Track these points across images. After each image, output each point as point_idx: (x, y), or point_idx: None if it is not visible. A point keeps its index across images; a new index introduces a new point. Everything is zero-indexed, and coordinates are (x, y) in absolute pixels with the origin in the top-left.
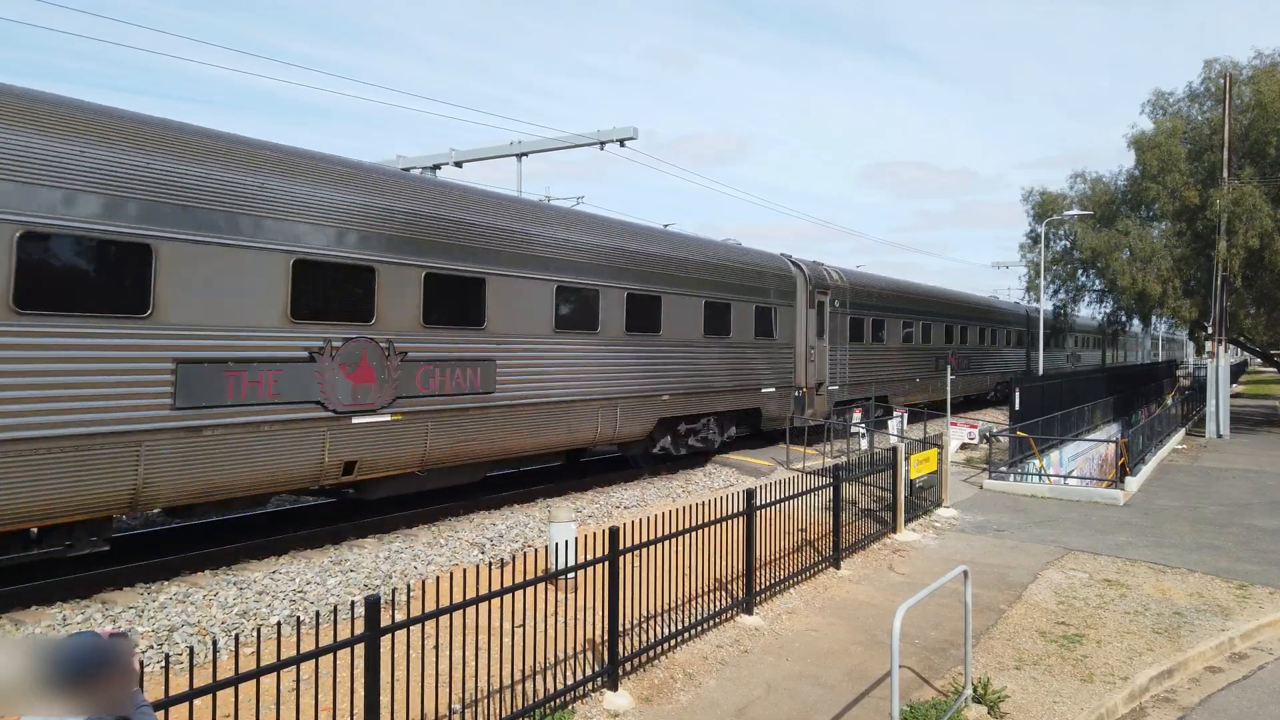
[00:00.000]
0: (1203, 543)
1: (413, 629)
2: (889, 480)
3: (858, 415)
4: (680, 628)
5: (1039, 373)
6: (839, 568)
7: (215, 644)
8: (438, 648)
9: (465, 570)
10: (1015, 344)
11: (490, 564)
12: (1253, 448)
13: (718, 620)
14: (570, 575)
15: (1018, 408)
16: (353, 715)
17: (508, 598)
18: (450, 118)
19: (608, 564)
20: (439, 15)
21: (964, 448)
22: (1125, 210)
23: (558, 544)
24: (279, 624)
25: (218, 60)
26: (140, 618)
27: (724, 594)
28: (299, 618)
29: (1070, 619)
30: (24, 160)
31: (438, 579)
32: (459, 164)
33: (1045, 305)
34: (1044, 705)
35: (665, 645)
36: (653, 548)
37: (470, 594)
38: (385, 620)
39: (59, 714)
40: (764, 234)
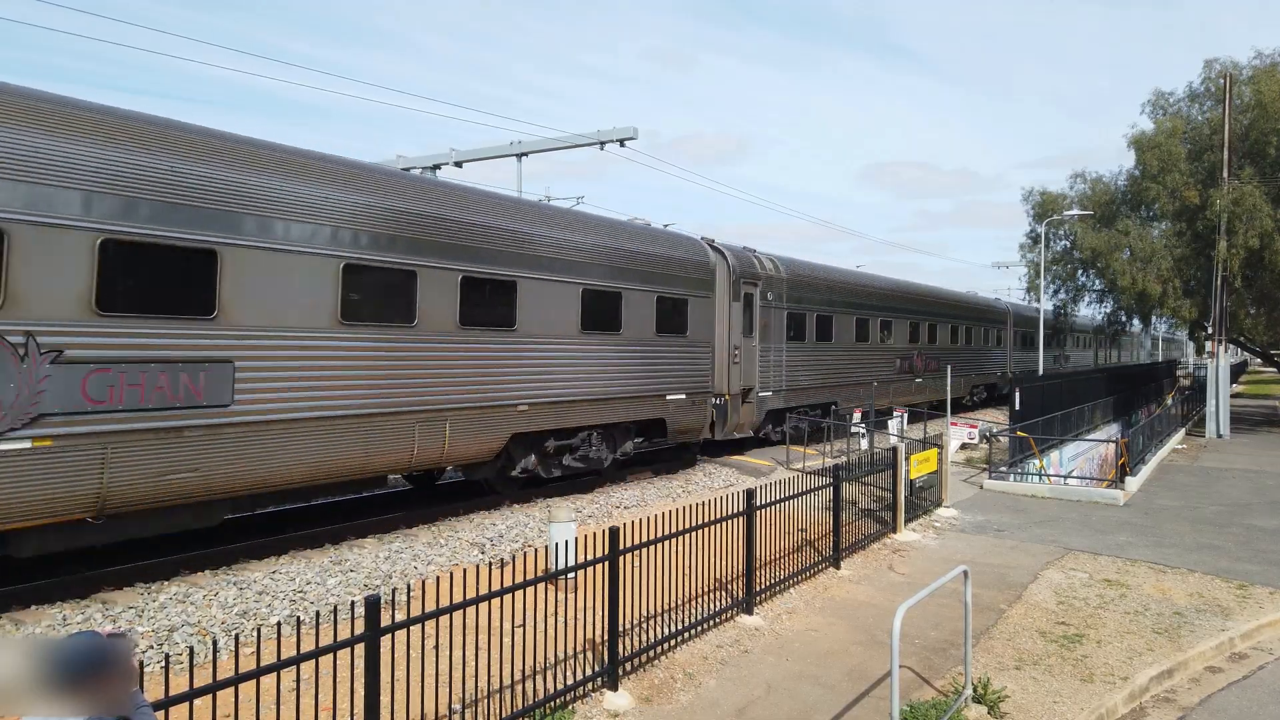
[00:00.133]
0: (1203, 543)
1: (413, 629)
2: (889, 480)
3: (858, 415)
4: (680, 628)
5: (1013, 373)
6: (839, 568)
7: (215, 644)
8: (438, 648)
9: (465, 570)
10: (996, 343)
11: (490, 564)
12: (1253, 448)
13: (718, 620)
14: (570, 575)
15: (1018, 408)
16: (353, 715)
17: (508, 598)
18: (450, 118)
19: (608, 564)
20: (439, 15)
21: (964, 448)
22: (1125, 210)
23: (558, 544)
24: (279, 624)
25: (218, 60)
26: (140, 618)
27: (724, 594)
28: (299, 618)
29: (1070, 619)
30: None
31: (438, 579)
32: (459, 164)
33: (1045, 305)
34: (1044, 705)
35: (665, 645)
36: (653, 548)
37: (470, 594)
38: (385, 620)
39: (59, 714)
40: (764, 234)
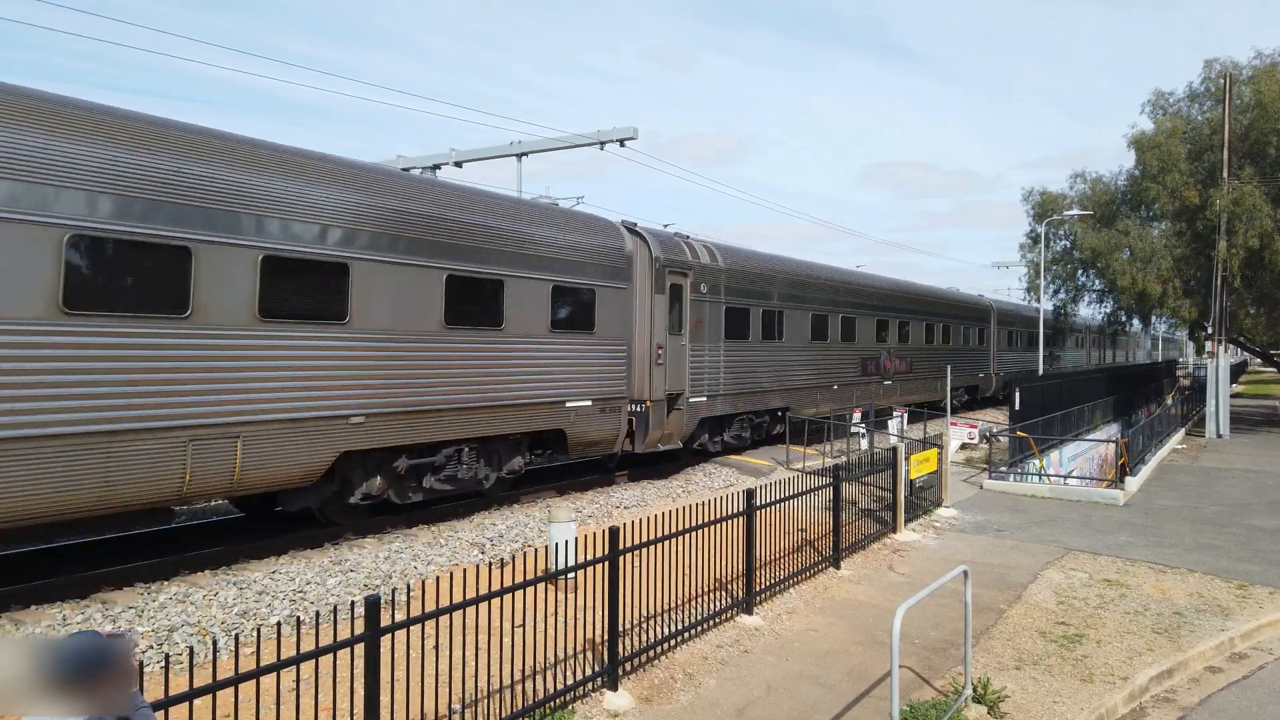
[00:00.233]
0: (1203, 543)
1: (413, 629)
2: (889, 480)
3: (858, 415)
4: (680, 628)
5: (998, 375)
6: (839, 568)
7: (215, 644)
8: (438, 648)
9: (465, 570)
10: (978, 342)
11: (490, 564)
12: (1253, 448)
13: (718, 620)
14: (570, 575)
15: (1018, 408)
16: (353, 715)
17: (508, 598)
18: (450, 118)
19: (608, 564)
20: (439, 15)
21: (964, 448)
22: (1125, 210)
23: (558, 544)
24: (279, 624)
25: (218, 60)
26: (140, 618)
27: (724, 594)
28: (299, 618)
29: (1070, 619)
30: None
31: (438, 579)
32: (459, 164)
33: (1045, 305)
34: (1044, 705)
35: (665, 645)
36: (653, 548)
37: (470, 594)
38: (385, 620)
39: (59, 714)
40: (764, 234)
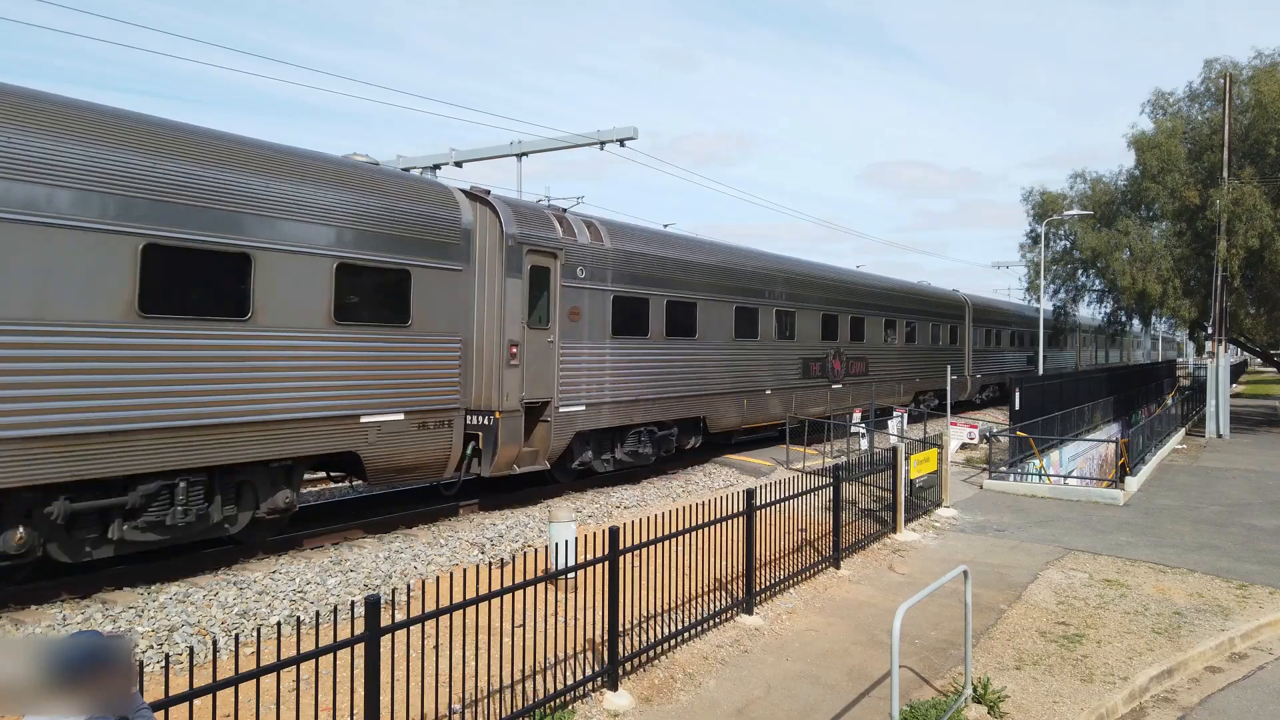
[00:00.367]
0: (1203, 542)
1: (413, 629)
2: (889, 480)
3: (858, 415)
4: (680, 628)
5: (975, 377)
6: (839, 568)
7: (215, 644)
8: (438, 648)
9: (465, 570)
10: (950, 341)
11: (490, 564)
12: (1253, 448)
13: (718, 620)
14: (570, 575)
15: (1017, 408)
16: (353, 715)
17: (508, 598)
18: (450, 118)
19: (608, 564)
20: (439, 15)
21: (964, 448)
22: (1125, 210)
23: (558, 544)
24: (279, 624)
25: (216, 60)
26: (140, 618)
27: (724, 594)
28: (299, 618)
29: (1070, 619)
30: None
31: (438, 579)
32: (459, 164)
33: (1045, 305)
34: (1044, 705)
35: (665, 645)
36: (653, 548)
37: (470, 594)
38: (385, 620)
39: (59, 714)
40: (764, 234)
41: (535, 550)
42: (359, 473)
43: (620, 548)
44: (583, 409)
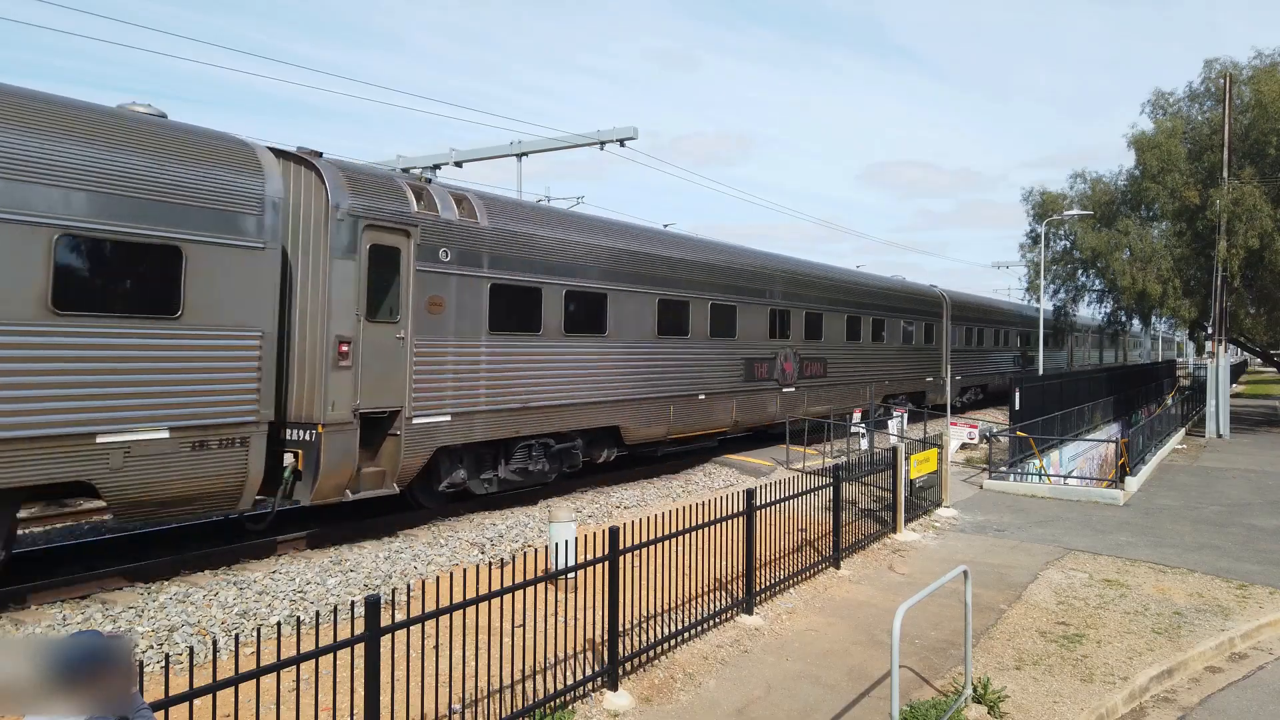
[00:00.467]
0: (1203, 542)
1: (413, 629)
2: (889, 480)
3: (858, 415)
4: (680, 628)
5: (953, 379)
6: (839, 568)
7: (215, 644)
8: (438, 648)
9: (465, 570)
10: (925, 340)
11: (490, 564)
12: (1253, 448)
13: (718, 620)
14: (570, 575)
15: (1017, 408)
16: (353, 715)
17: (508, 598)
18: (450, 118)
19: (608, 564)
20: (439, 15)
21: (964, 448)
22: (1125, 210)
23: (558, 544)
24: (279, 624)
25: (216, 60)
26: (140, 618)
27: (724, 594)
28: (299, 618)
29: (1070, 619)
30: None
31: (438, 579)
32: (459, 164)
33: (1045, 305)
34: (1044, 705)
35: (665, 645)
36: (653, 548)
37: (470, 594)
38: (385, 620)
39: (59, 714)
40: (764, 233)
41: (535, 550)
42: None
43: (620, 548)
44: (447, 419)
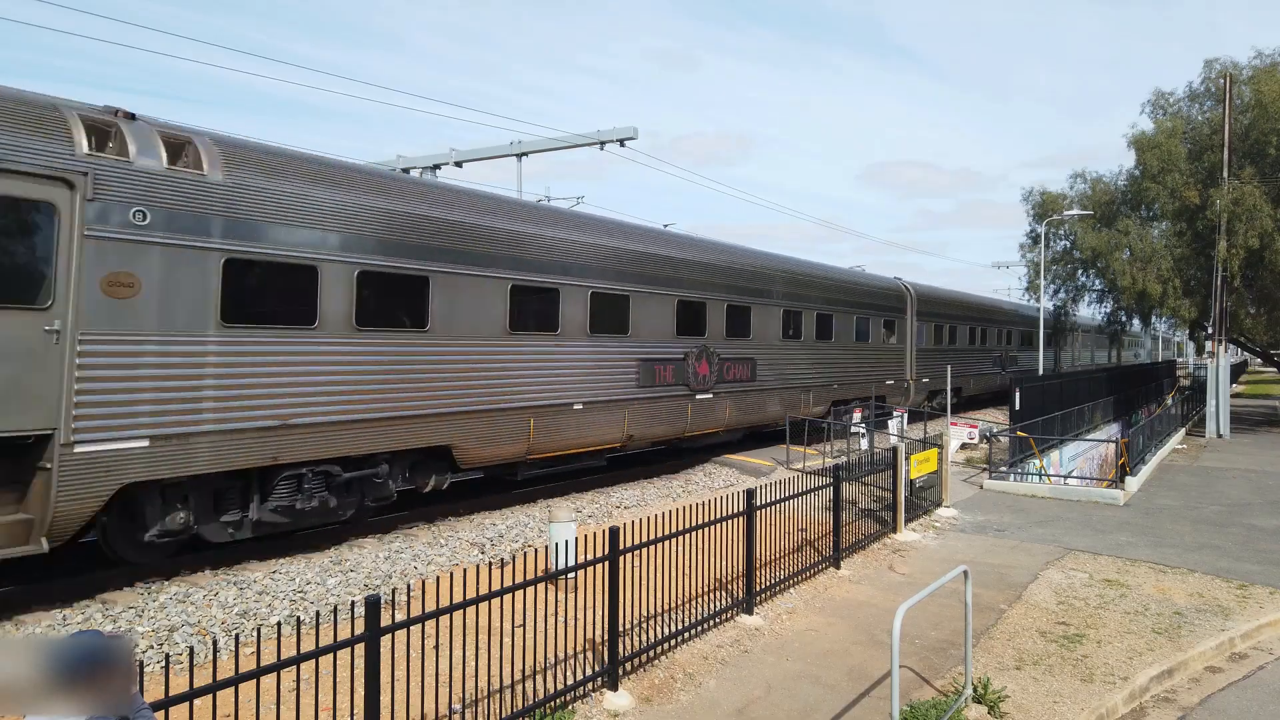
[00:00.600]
0: (1203, 542)
1: (413, 629)
2: (889, 480)
3: (858, 415)
4: (680, 628)
5: (919, 381)
6: (839, 568)
7: (215, 644)
8: (438, 648)
9: (465, 570)
10: (884, 338)
11: (490, 564)
12: (1253, 448)
13: (718, 620)
14: (570, 575)
15: (1018, 408)
16: (353, 715)
17: (508, 598)
18: (450, 118)
19: (608, 564)
20: (439, 15)
21: (964, 448)
22: (1125, 210)
23: (558, 544)
24: (279, 624)
25: (216, 60)
26: (140, 618)
27: (724, 594)
28: (299, 618)
29: (1070, 619)
30: None
31: (438, 579)
32: (459, 164)
33: (1045, 305)
34: (1044, 705)
35: (665, 645)
36: (653, 548)
37: (470, 594)
38: (385, 620)
39: (59, 714)
40: (764, 233)
41: (535, 550)
42: None
43: (620, 548)
44: (143, 445)
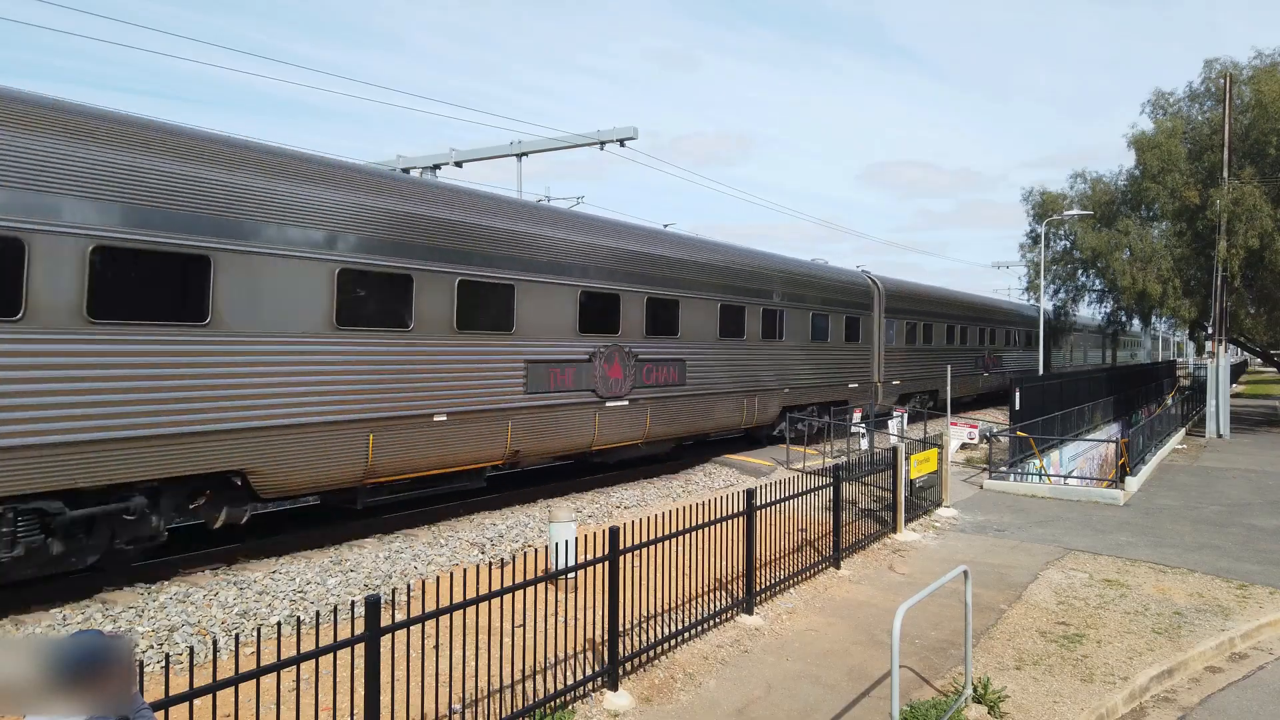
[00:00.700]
0: (1203, 542)
1: (413, 629)
2: (889, 480)
3: (858, 415)
4: (680, 628)
5: (888, 383)
6: (839, 567)
7: (215, 644)
8: (438, 648)
9: (465, 570)
10: (846, 338)
11: (490, 564)
12: (1253, 448)
13: (718, 620)
14: (570, 575)
15: (1018, 407)
16: (353, 715)
17: (508, 598)
18: (450, 118)
19: (608, 564)
20: (439, 15)
21: (964, 448)
22: (1125, 210)
23: (558, 544)
24: (279, 624)
25: (216, 60)
26: (140, 618)
27: (724, 594)
28: (299, 618)
29: (1070, 619)
30: None
31: (438, 579)
32: (459, 164)
33: (1045, 305)
34: (1044, 705)
35: (665, 645)
36: (653, 548)
37: (470, 594)
38: (385, 620)
39: (60, 713)
40: (764, 233)
41: (535, 550)
42: None
43: (620, 548)
44: None
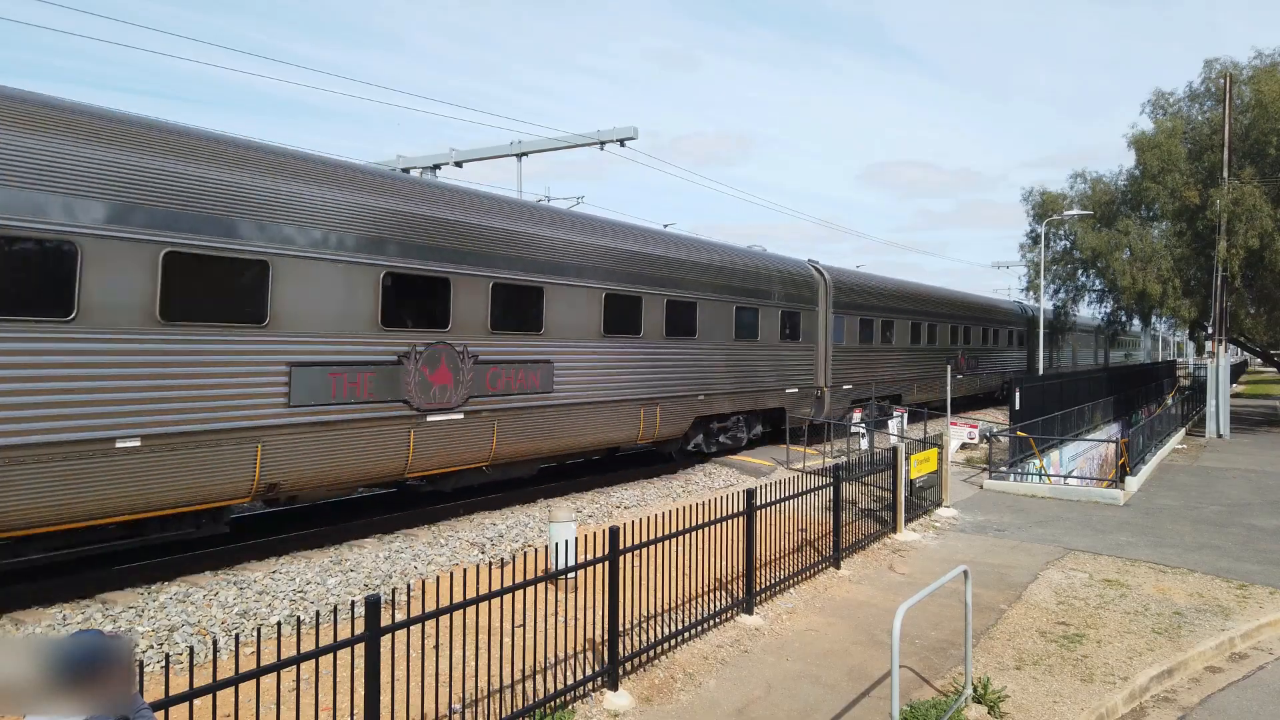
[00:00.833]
0: (1203, 542)
1: (413, 629)
2: (889, 480)
3: (858, 415)
4: (680, 628)
5: (832, 388)
6: (839, 567)
7: (215, 644)
8: (438, 648)
9: (465, 570)
10: (788, 336)
11: (490, 564)
12: (1253, 448)
13: (718, 620)
14: (570, 575)
15: (1018, 408)
16: (353, 715)
17: (508, 598)
18: (450, 118)
19: (608, 564)
20: (439, 15)
21: (964, 448)
22: (1125, 210)
23: (558, 544)
24: (279, 624)
25: (216, 60)
26: (140, 618)
27: (724, 594)
28: (299, 618)
29: (1070, 619)
30: None
31: (438, 579)
32: (459, 164)
33: (1045, 305)
34: (1044, 705)
35: (665, 645)
36: (653, 548)
37: (470, 594)
38: (385, 620)
39: (59, 713)
40: (764, 233)
41: (535, 550)
42: None
43: (620, 547)
44: None
